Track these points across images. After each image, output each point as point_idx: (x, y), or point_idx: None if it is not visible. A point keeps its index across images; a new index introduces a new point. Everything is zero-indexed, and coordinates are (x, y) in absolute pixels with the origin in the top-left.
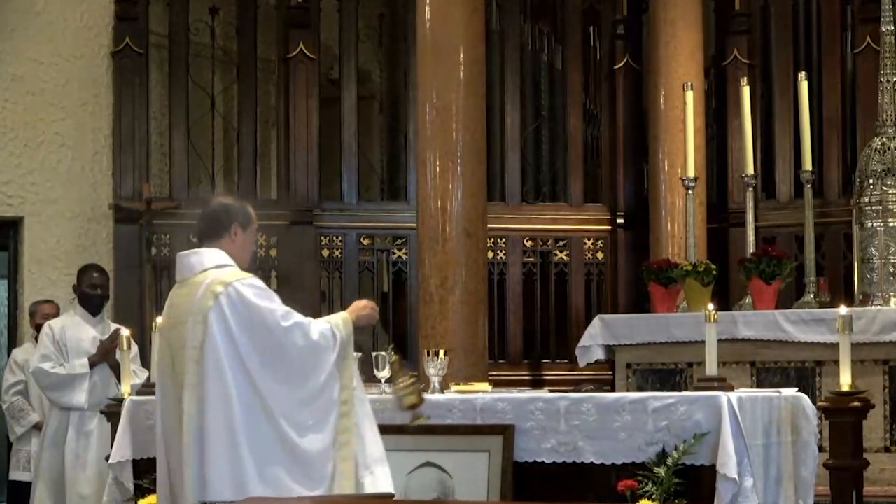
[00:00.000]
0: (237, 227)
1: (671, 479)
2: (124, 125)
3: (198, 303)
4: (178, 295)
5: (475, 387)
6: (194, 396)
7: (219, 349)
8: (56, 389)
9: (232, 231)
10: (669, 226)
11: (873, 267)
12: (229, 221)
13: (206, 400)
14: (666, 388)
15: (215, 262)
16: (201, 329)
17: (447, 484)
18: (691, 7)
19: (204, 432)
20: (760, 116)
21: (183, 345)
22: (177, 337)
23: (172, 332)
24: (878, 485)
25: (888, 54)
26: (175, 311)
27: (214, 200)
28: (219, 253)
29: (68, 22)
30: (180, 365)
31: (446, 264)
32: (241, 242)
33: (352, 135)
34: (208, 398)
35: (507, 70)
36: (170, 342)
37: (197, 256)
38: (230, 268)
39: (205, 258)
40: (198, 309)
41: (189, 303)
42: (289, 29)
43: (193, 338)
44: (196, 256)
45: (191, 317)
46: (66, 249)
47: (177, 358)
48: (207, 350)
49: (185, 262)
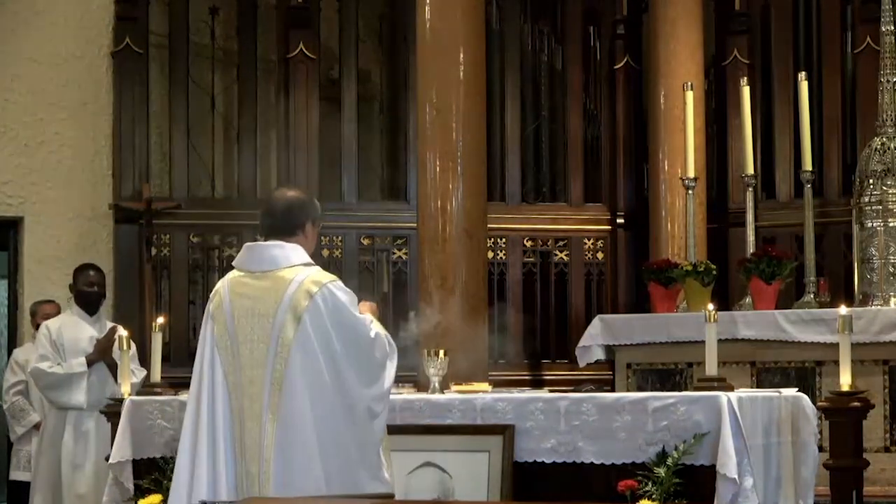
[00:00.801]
0: (310, 223)
1: (671, 479)
2: (124, 125)
3: (289, 299)
4: (254, 287)
5: (475, 387)
6: (280, 393)
7: (314, 349)
8: (54, 389)
9: (306, 227)
10: (669, 226)
11: (873, 267)
12: (304, 217)
13: (296, 397)
14: (666, 388)
15: (302, 260)
16: (292, 327)
17: (447, 484)
18: (691, 7)
19: (289, 429)
20: (760, 116)
21: (261, 338)
22: (253, 327)
23: (244, 321)
24: (878, 485)
25: (888, 54)
26: (250, 303)
27: (284, 194)
28: (299, 249)
29: (68, 22)
30: (254, 357)
31: (446, 264)
32: (312, 238)
33: (352, 135)
34: (299, 396)
35: (507, 70)
36: (236, 331)
37: (280, 250)
38: (315, 267)
39: (290, 254)
40: (288, 306)
41: (274, 297)
42: (289, 29)
43: (283, 334)
44: (279, 250)
45: (279, 312)
46: (66, 249)
47: (247, 348)
48: (300, 348)
49: (267, 255)
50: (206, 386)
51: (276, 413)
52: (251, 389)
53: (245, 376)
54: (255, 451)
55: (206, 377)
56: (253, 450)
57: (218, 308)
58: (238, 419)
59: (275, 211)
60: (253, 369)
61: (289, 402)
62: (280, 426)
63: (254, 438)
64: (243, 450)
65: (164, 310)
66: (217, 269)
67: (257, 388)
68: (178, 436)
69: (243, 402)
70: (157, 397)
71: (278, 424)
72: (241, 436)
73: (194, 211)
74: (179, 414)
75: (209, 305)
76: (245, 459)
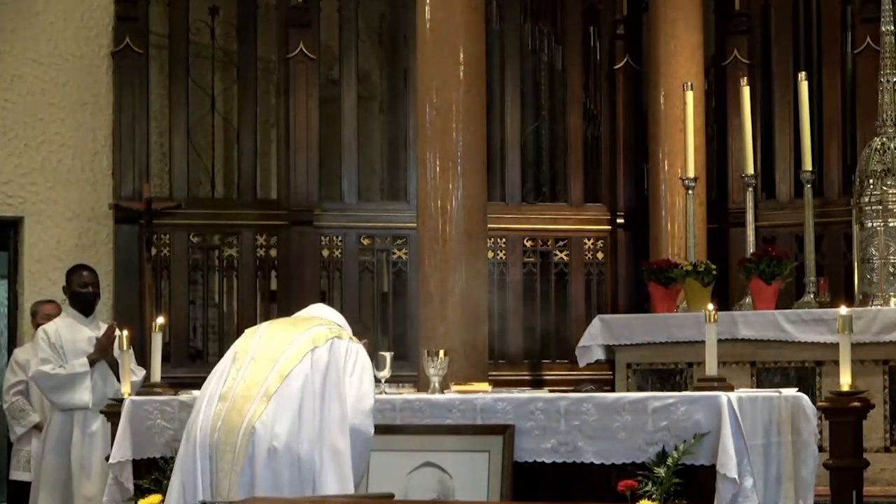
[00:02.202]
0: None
1: (671, 479)
2: (124, 125)
3: (313, 331)
4: (291, 320)
5: (475, 387)
6: (268, 401)
7: (318, 371)
8: (59, 390)
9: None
10: (669, 226)
11: (873, 267)
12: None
13: (286, 409)
14: (666, 388)
15: (335, 320)
16: (307, 348)
17: (447, 484)
18: (691, 7)
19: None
20: (760, 116)
21: (272, 357)
22: (271, 344)
23: (270, 340)
24: (878, 485)
25: (888, 54)
26: (283, 325)
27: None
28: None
29: (68, 22)
30: (258, 370)
31: (446, 264)
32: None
33: (352, 135)
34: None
35: (507, 70)
36: (258, 346)
37: (325, 310)
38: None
39: (331, 314)
40: (310, 336)
41: (305, 325)
42: (289, 29)
43: (292, 353)
44: (324, 310)
45: (301, 336)
46: (66, 249)
47: (256, 363)
48: (303, 368)
49: (312, 309)
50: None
51: (269, 401)
52: (244, 385)
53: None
54: (236, 424)
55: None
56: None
57: (252, 329)
58: (215, 426)
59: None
60: (252, 387)
61: (281, 398)
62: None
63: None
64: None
65: (164, 310)
66: (217, 269)
67: (255, 381)
68: (179, 436)
69: (230, 413)
70: (157, 397)
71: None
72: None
73: (194, 211)
74: (179, 414)
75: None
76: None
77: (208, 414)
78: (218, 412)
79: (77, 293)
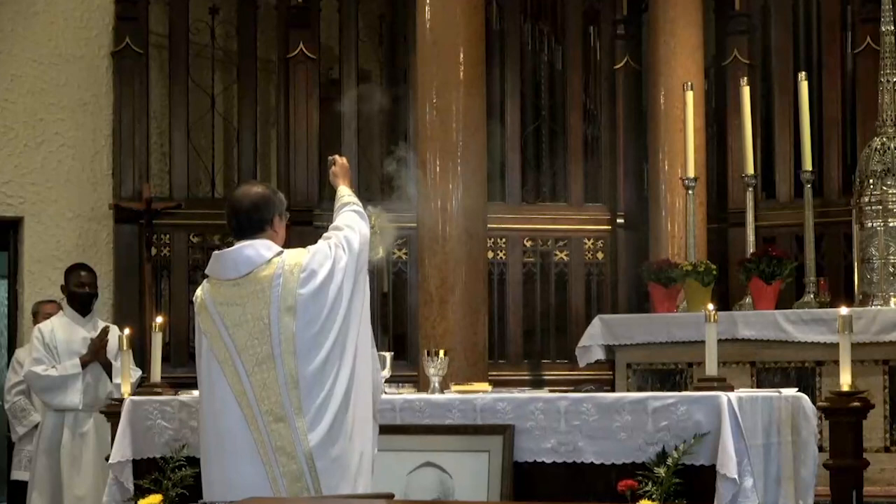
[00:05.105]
0: (277, 217)
1: (671, 479)
2: (124, 125)
3: (278, 298)
4: (238, 293)
5: (475, 387)
6: (298, 389)
7: (316, 330)
8: (49, 391)
9: (274, 222)
10: (669, 226)
11: (873, 267)
12: (270, 213)
13: (313, 392)
14: (666, 388)
15: (274, 252)
16: (290, 319)
17: (447, 484)
18: (691, 7)
19: (320, 421)
20: (760, 116)
21: (261, 340)
22: (250, 332)
23: (238, 329)
24: (878, 485)
25: (888, 54)
26: (240, 310)
27: (247, 191)
28: (269, 242)
29: (68, 22)
30: (260, 361)
31: (446, 264)
32: (280, 232)
33: (352, 135)
34: (317, 389)
35: (507, 70)
36: (233, 340)
37: (252, 249)
38: (286, 251)
39: (262, 250)
40: (280, 305)
41: (263, 298)
42: (289, 29)
43: (283, 331)
44: (251, 249)
45: (273, 312)
46: (66, 249)
47: (250, 354)
48: (303, 336)
49: (240, 258)
50: (218, 398)
51: (301, 408)
52: (264, 392)
53: (256, 381)
54: (292, 450)
55: (216, 390)
56: (289, 449)
57: (207, 322)
58: (255, 424)
59: (240, 209)
60: (263, 373)
61: (306, 397)
62: (311, 419)
63: (286, 438)
64: (275, 452)
65: (164, 310)
66: None
67: (272, 389)
68: (179, 436)
69: (260, 407)
70: (157, 397)
71: (309, 418)
72: (266, 439)
73: (194, 211)
74: (179, 414)
75: (197, 319)
76: (280, 462)
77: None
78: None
79: (74, 293)
